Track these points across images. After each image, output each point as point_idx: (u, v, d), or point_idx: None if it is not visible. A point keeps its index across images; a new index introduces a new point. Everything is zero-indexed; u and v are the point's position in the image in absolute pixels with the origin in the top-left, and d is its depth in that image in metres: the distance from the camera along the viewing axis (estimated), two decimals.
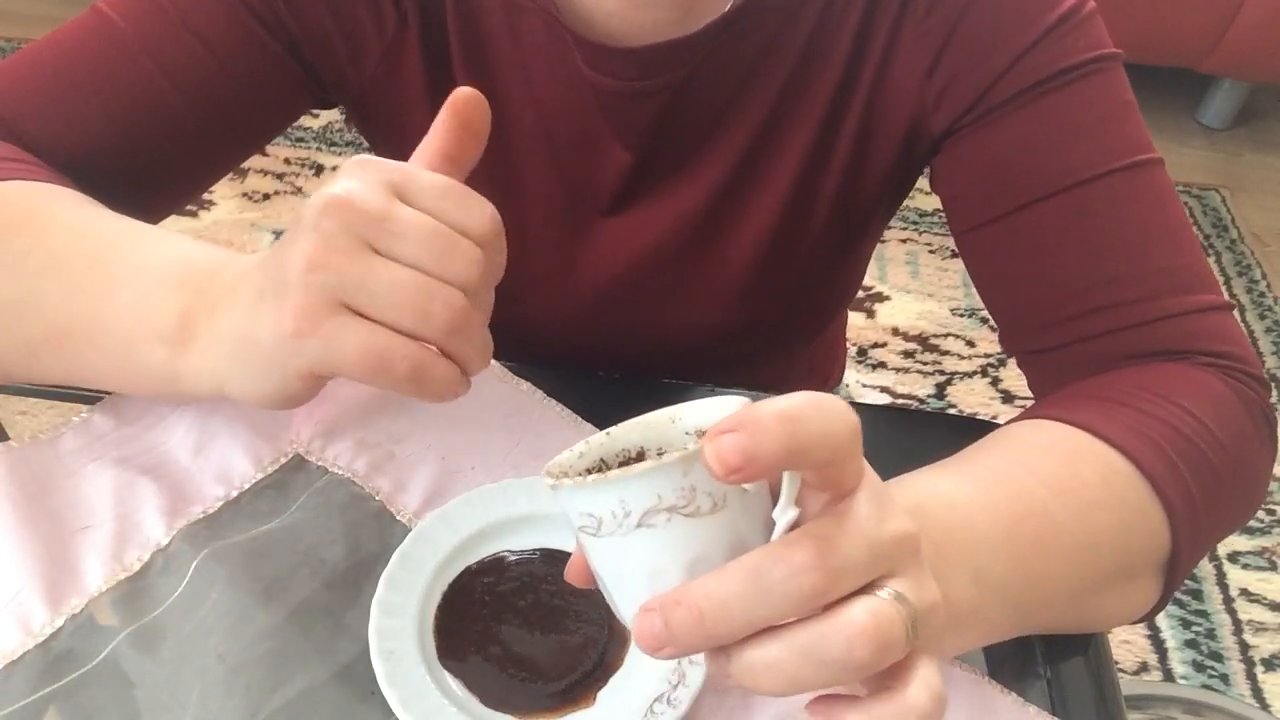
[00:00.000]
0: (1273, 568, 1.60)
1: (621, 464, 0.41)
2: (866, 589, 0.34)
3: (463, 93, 0.45)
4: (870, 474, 0.36)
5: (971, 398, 1.81)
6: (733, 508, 0.35)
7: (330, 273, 0.41)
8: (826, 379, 0.98)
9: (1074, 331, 0.61)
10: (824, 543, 0.33)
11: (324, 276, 0.41)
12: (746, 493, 0.36)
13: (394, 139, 0.70)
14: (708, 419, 0.40)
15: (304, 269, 0.41)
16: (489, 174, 0.69)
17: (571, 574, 0.40)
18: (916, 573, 0.36)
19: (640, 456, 0.41)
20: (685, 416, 0.40)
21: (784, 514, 0.35)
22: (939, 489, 0.50)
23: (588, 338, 0.75)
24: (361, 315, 0.42)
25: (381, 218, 0.41)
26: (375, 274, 0.41)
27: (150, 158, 0.64)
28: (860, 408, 0.72)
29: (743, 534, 0.35)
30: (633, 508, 0.35)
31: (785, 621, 0.34)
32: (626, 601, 0.37)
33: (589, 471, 0.40)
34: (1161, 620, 1.53)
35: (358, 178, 0.42)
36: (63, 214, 0.57)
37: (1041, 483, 0.51)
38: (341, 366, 0.42)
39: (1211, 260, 2.11)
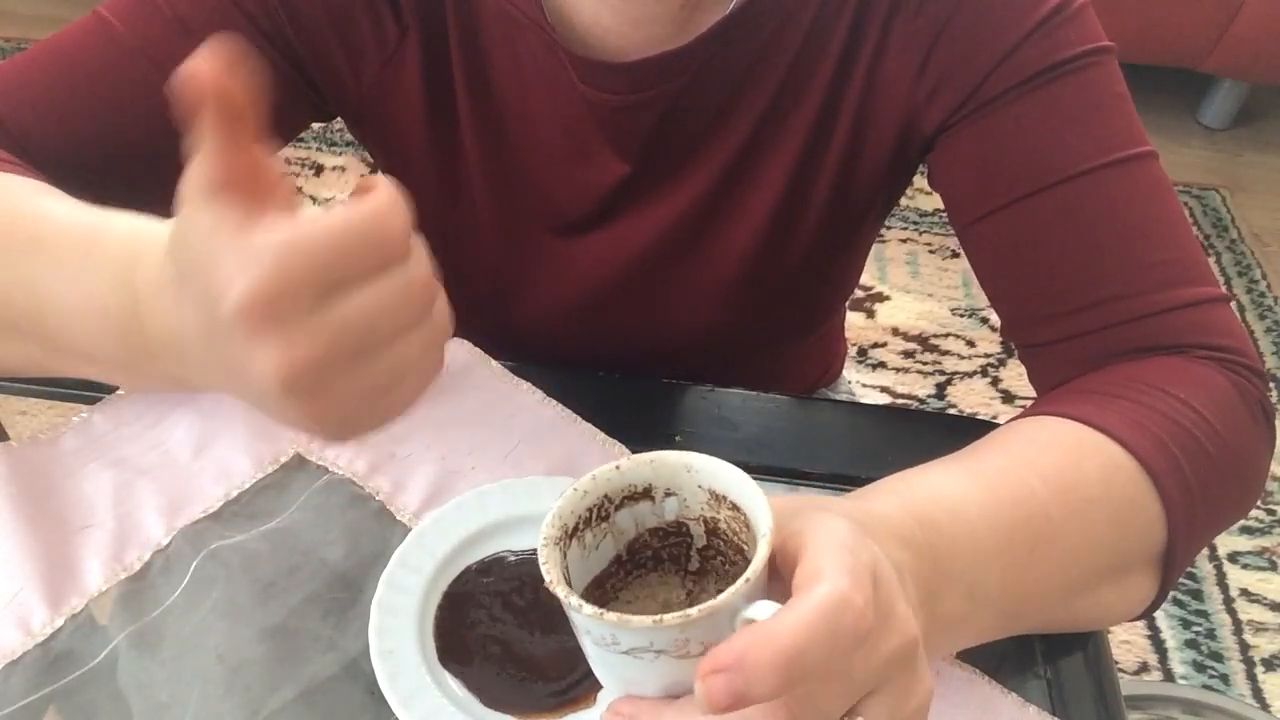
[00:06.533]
0: (1273, 568, 1.60)
1: (626, 498, 0.41)
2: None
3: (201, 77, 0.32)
4: (882, 577, 0.35)
5: (972, 397, 1.81)
6: None
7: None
8: (826, 371, 0.98)
9: (1070, 326, 0.61)
10: (798, 703, 0.33)
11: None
12: None
13: (392, 149, 0.70)
14: (722, 479, 0.39)
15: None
16: (488, 183, 0.70)
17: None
18: (906, 681, 0.36)
19: (647, 492, 0.41)
20: (701, 467, 0.40)
21: None
22: (946, 494, 0.50)
23: (585, 338, 0.75)
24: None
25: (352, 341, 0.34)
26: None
27: (148, 160, 0.64)
28: (860, 408, 0.73)
29: None
30: (623, 641, 0.35)
31: None
32: (601, 680, 0.39)
33: (590, 511, 0.40)
34: (1161, 620, 1.53)
35: (282, 314, 0.33)
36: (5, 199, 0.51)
37: (1045, 482, 0.52)
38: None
39: (1211, 260, 2.11)
